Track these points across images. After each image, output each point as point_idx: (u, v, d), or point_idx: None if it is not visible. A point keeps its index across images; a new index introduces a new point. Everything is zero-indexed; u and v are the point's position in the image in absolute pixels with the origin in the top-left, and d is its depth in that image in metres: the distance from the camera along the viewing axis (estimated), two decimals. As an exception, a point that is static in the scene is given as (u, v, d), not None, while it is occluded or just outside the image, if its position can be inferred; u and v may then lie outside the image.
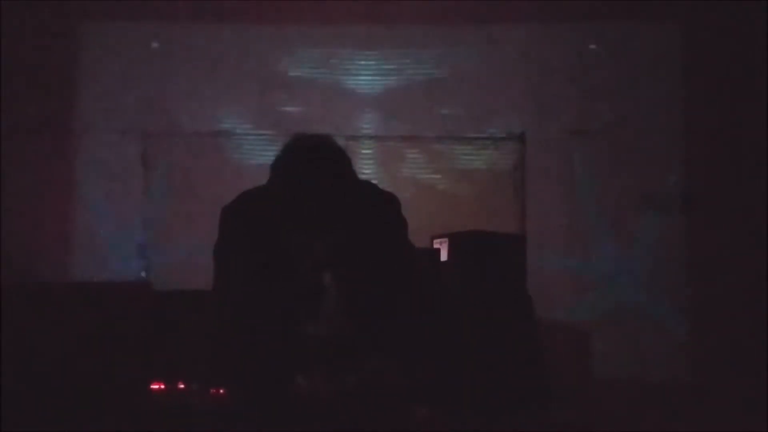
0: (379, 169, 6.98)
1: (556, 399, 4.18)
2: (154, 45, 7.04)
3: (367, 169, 6.90)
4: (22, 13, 6.75)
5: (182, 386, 3.54)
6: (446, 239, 4.99)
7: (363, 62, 7.12)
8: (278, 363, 3.06)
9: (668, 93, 6.99)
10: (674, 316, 6.83)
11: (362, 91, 7.11)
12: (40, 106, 6.82)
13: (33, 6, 6.79)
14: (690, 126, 6.91)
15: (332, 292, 3.08)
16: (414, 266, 3.24)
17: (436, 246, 5.01)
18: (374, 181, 3.34)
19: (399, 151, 7.09)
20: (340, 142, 3.28)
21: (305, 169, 3.09)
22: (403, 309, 3.10)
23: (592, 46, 7.06)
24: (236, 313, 3.12)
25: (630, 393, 6.27)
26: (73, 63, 7.02)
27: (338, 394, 3.03)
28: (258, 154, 6.92)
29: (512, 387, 4.31)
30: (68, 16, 6.95)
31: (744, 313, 6.48)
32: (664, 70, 7.01)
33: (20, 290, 4.88)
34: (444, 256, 4.99)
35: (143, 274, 6.56)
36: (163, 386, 3.57)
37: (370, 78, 7.11)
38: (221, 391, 3.35)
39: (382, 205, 3.20)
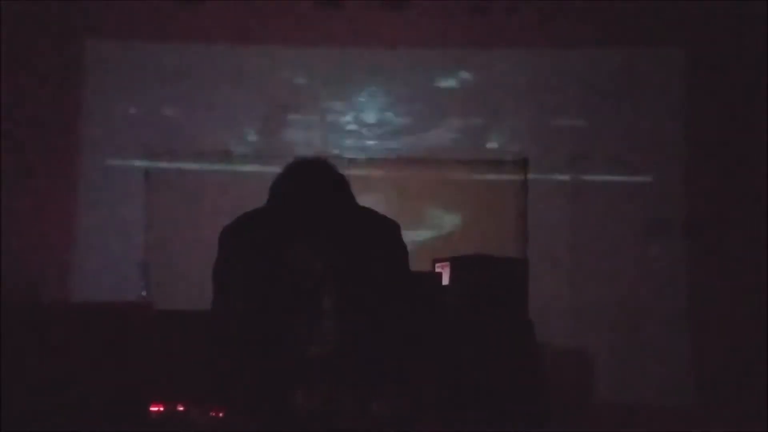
0: (381, 191, 6.97)
1: (557, 422, 4.17)
2: (159, 65, 7.05)
3: (368, 191, 6.89)
4: (30, 28, 6.77)
5: (181, 408, 3.54)
6: (448, 263, 4.99)
7: (365, 85, 7.12)
8: (277, 382, 3.06)
9: (671, 118, 6.99)
10: (676, 340, 6.81)
11: (364, 114, 7.12)
12: (43, 124, 6.82)
13: (40, 23, 6.81)
14: (692, 152, 6.91)
15: (331, 312, 3.08)
16: (413, 292, 3.24)
17: (437, 270, 5.01)
18: (376, 204, 3.34)
19: (401, 173, 7.09)
20: (341, 164, 3.28)
21: (304, 190, 3.10)
22: (401, 331, 3.09)
23: (597, 71, 7.06)
24: (235, 332, 3.11)
25: (632, 417, 6.25)
26: (78, 81, 7.03)
27: (336, 414, 3.02)
28: (260, 175, 6.92)
29: (513, 410, 4.29)
30: (76, 34, 6.97)
31: (745, 337, 6.46)
32: (667, 95, 7.01)
33: (21, 310, 4.88)
34: (445, 280, 4.99)
35: (144, 293, 6.54)
36: (162, 408, 3.56)
37: (372, 100, 7.12)
38: (220, 413, 3.34)
39: (381, 230, 3.19)
